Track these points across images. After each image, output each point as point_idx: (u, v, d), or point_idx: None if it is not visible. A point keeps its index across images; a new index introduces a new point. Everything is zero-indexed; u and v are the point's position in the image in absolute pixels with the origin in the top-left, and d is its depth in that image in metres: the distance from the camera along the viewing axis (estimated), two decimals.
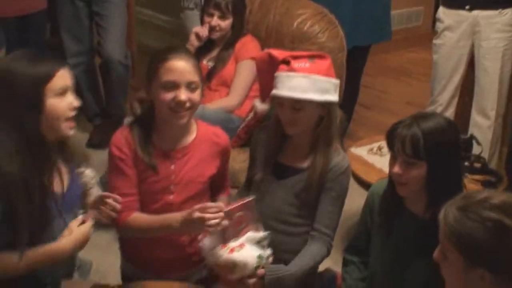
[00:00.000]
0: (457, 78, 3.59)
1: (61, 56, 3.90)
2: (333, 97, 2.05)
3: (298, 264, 2.04)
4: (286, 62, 2.05)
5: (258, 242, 1.96)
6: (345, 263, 2.20)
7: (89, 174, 1.98)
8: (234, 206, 1.95)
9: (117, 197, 1.92)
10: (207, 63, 3.30)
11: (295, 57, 2.05)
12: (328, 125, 2.07)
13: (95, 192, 2.01)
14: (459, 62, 3.55)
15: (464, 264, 1.40)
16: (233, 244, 1.94)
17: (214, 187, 2.21)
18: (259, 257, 1.94)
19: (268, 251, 1.97)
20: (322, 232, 2.09)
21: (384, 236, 2.02)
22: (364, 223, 2.13)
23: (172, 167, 2.09)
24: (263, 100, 2.37)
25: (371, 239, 2.10)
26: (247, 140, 3.08)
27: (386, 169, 2.02)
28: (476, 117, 3.54)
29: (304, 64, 2.02)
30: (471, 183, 2.71)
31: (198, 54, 3.27)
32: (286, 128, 2.08)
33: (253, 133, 3.02)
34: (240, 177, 2.93)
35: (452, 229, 1.40)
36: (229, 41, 3.26)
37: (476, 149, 3.02)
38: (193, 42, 3.27)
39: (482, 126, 3.50)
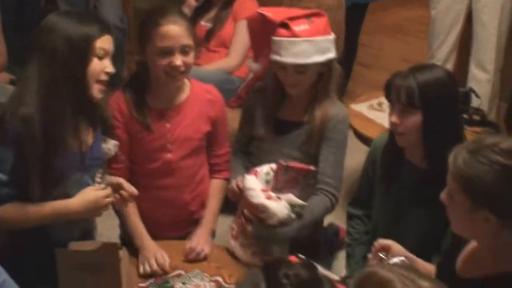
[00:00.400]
0: (455, 33, 3.59)
1: None
2: (333, 53, 2.10)
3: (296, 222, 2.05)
4: (284, 25, 2.06)
5: (293, 206, 2.02)
6: (349, 217, 2.24)
7: (112, 144, 2.00)
8: (295, 165, 2.02)
9: (134, 191, 1.93)
10: (205, 23, 3.28)
11: (292, 19, 2.06)
12: (327, 79, 2.12)
13: None
14: (457, 16, 3.55)
15: (471, 206, 1.42)
16: (273, 194, 2.01)
17: (212, 143, 2.24)
18: (287, 216, 2.00)
19: (293, 216, 2.02)
20: (326, 182, 2.11)
21: (385, 187, 2.05)
22: (367, 176, 2.16)
23: (168, 125, 2.12)
24: (256, 60, 2.38)
25: (374, 192, 2.13)
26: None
27: (386, 124, 2.06)
28: (474, 71, 3.55)
29: (304, 26, 2.04)
30: (469, 135, 2.72)
31: (196, 15, 3.27)
32: (289, 89, 2.12)
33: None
34: None
35: (460, 171, 1.41)
36: (227, 0, 3.24)
37: (475, 103, 3.04)
38: (191, 3, 3.25)
39: (481, 80, 3.51)
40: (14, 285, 1.56)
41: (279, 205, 1.99)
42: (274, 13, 2.12)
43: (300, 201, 2.02)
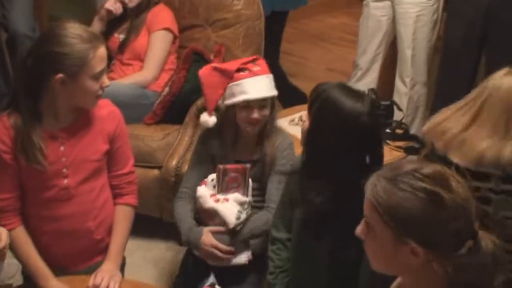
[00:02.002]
0: (376, 41, 3.55)
1: None
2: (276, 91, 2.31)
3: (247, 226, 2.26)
4: (242, 69, 2.27)
5: (241, 204, 2.23)
6: (272, 241, 2.14)
7: None
8: (231, 165, 2.23)
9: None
10: (118, 35, 3.13)
11: (245, 63, 2.30)
12: (273, 116, 2.31)
13: None
14: (378, 24, 3.51)
15: (393, 238, 1.31)
16: (220, 196, 2.24)
17: (112, 163, 2.09)
18: (237, 216, 2.20)
19: (244, 215, 2.23)
20: (271, 200, 2.26)
21: (300, 207, 1.99)
22: (288, 195, 2.08)
23: (62, 148, 1.96)
24: (210, 112, 2.37)
25: (293, 212, 2.04)
26: (163, 116, 2.96)
27: None
28: (397, 83, 3.53)
29: (256, 67, 2.28)
30: (393, 150, 2.68)
31: (109, 27, 3.13)
32: (249, 128, 2.27)
33: (170, 109, 2.93)
34: (157, 155, 2.82)
35: (381, 201, 1.31)
36: (141, 10, 3.09)
37: (398, 116, 3.00)
38: (104, 17, 3.10)
39: (401, 92, 3.50)
40: None
41: (227, 205, 2.21)
42: (226, 65, 2.37)
43: (245, 198, 2.24)
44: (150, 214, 2.82)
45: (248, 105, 2.24)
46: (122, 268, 2.13)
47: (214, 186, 2.27)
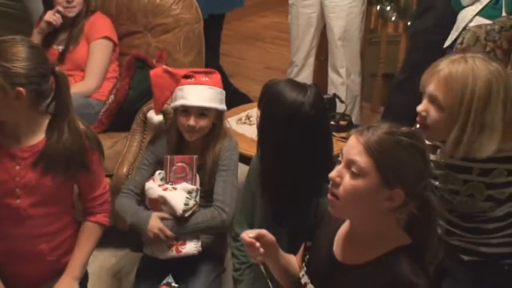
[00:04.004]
0: (308, 38, 3.64)
1: None
2: (224, 107, 2.38)
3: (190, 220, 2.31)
4: (189, 76, 2.34)
5: (189, 193, 2.28)
6: (235, 238, 2.17)
7: None
8: (177, 156, 2.30)
9: None
10: (57, 47, 3.10)
11: (195, 72, 2.37)
12: (219, 129, 2.36)
13: None
14: (308, 21, 3.60)
15: (378, 183, 1.45)
16: (168, 186, 2.30)
17: (83, 187, 2.06)
18: (185, 202, 2.26)
19: (193, 202, 2.28)
20: (216, 199, 2.31)
21: (261, 202, 2.04)
22: (249, 191, 2.13)
23: (17, 168, 1.91)
24: (157, 112, 2.49)
25: (255, 207, 2.09)
26: (110, 124, 2.94)
27: (255, 136, 2.07)
28: (331, 75, 3.63)
29: (205, 78, 2.34)
30: (339, 141, 2.75)
31: (47, 39, 3.09)
32: (188, 135, 2.31)
33: (116, 117, 2.92)
34: (106, 164, 2.76)
35: (375, 150, 1.44)
36: (78, 20, 3.07)
37: (339, 108, 3.08)
38: (44, 29, 3.05)
39: (336, 83, 3.60)
40: None
41: (175, 192, 2.27)
42: (177, 70, 2.44)
43: (193, 186, 2.29)
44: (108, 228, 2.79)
45: (187, 111, 2.28)
46: (84, 283, 2.11)
47: (161, 179, 2.34)
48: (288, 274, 1.72)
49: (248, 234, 1.62)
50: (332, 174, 1.50)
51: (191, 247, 2.31)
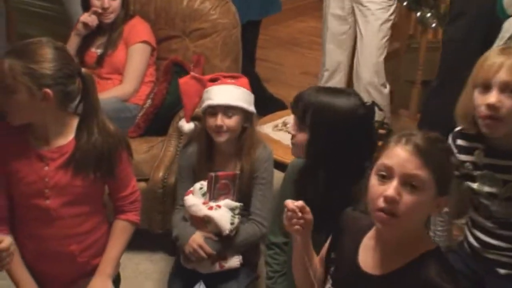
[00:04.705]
0: (337, 42, 3.60)
1: None
2: (254, 109, 2.36)
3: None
4: (214, 80, 2.35)
5: (232, 210, 2.28)
6: (269, 247, 2.17)
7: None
8: (222, 173, 2.29)
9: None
10: (95, 50, 3.12)
11: (222, 76, 2.37)
12: (251, 133, 2.35)
13: None
14: (340, 25, 3.56)
15: (435, 194, 1.44)
16: (212, 203, 2.28)
17: (111, 186, 2.06)
18: (231, 221, 2.25)
19: (237, 220, 2.28)
20: (255, 213, 2.33)
21: None
22: (284, 199, 2.07)
23: (46, 168, 1.93)
24: (187, 119, 2.50)
25: None
26: (147, 129, 2.96)
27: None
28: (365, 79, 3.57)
29: (231, 80, 2.34)
30: (377, 150, 2.70)
31: (86, 42, 3.11)
32: (217, 136, 2.31)
33: (153, 121, 2.94)
34: (143, 168, 2.81)
35: (430, 160, 1.41)
36: (117, 24, 3.09)
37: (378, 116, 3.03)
38: (81, 31, 3.08)
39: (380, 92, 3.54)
40: None
41: (220, 212, 2.25)
42: (205, 76, 2.47)
43: (237, 203, 2.29)
44: (139, 227, 2.81)
45: (214, 111, 2.29)
46: (117, 284, 2.11)
47: (203, 194, 2.31)
48: (307, 268, 1.68)
49: (293, 202, 1.61)
50: (391, 192, 1.42)
51: (234, 261, 2.32)
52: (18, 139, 1.91)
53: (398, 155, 1.42)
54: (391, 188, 1.41)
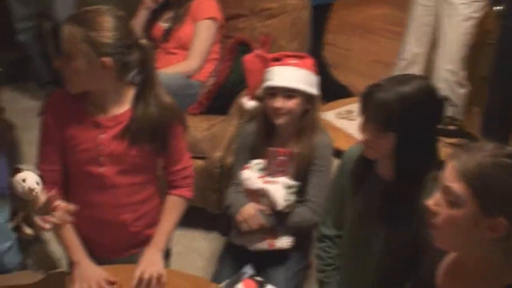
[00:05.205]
0: (420, 32, 3.49)
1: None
2: (316, 92, 2.26)
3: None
4: (277, 59, 2.27)
5: (289, 188, 2.22)
6: (320, 239, 2.10)
7: (31, 179, 1.65)
8: (280, 149, 2.23)
9: (70, 206, 1.71)
10: (162, 24, 3.11)
11: (285, 55, 2.29)
12: (312, 116, 2.26)
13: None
14: (424, 16, 3.45)
15: (477, 212, 1.33)
16: (269, 178, 2.24)
17: (167, 160, 2.04)
18: (286, 198, 2.20)
19: (293, 198, 2.22)
20: (309, 200, 2.26)
21: (353, 200, 1.95)
22: (338, 190, 2.04)
23: (102, 136, 1.93)
24: (250, 97, 2.49)
25: (344, 206, 2.00)
26: (208, 106, 2.94)
27: (356, 133, 1.95)
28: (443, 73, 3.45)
29: (294, 60, 2.25)
30: (445, 147, 2.59)
31: (153, 16, 3.11)
32: (276, 118, 2.25)
33: (215, 99, 2.92)
34: (202, 146, 2.80)
35: (472, 176, 1.32)
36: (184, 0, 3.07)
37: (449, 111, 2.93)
38: (149, 5, 3.08)
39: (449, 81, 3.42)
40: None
41: (276, 187, 2.21)
42: (268, 54, 2.40)
43: (294, 182, 2.22)
44: (194, 205, 2.81)
45: (273, 93, 2.23)
46: (167, 258, 2.11)
47: (259, 170, 2.27)
48: None
49: None
50: (429, 202, 1.39)
51: (284, 241, 2.27)
52: (75, 106, 1.92)
53: (447, 167, 1.38)
54: (432, 199, 1.39)
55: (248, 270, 2.03)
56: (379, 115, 1.74)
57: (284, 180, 2.23)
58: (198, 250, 2.92)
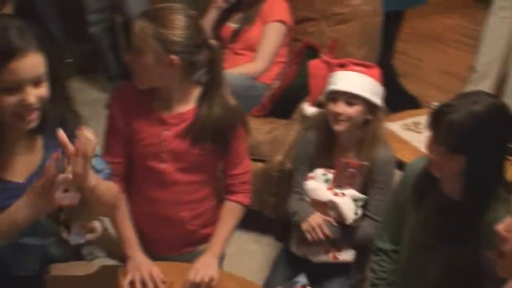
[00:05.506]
0: (494, 45, 3.38)
1: None
2: (380, 103, 2.21)
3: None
4: (342, 65, 2.24)
5: (356, 201, 2.18)
6: (375, 252, 2.06)
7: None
8: (352, 161, 2.19)
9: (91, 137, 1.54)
10: (232, 24, 3.11)
11: (352, 62, 2.26)
12: (374, 127, 2.21)
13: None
14: (501, 29, 3.33)
15: None
16: (337, 190, 2.19)
17: (227, 163, 2.04)
18: (355, 211, 2.17)
19: (360, 211, 2.19)
20: (370, 218, 2.21)
21: (413, 215, 1.90)
22: (398, 203, 1.98)
23: (165, 133, 1.94)
24: (311, 103, 2.47)
25: (404, 222, 1.95)
26: (272, 109, 2.92)
27: (423, 147, 1.88)
28: None
29: (360, 68, 2.22)
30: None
31: (223, 15, 3.12)
32: (335, 123, 2.20)
33: (279, 102, 2.89)
34: (262, 149, 2.78)
35: None
36: (255, 1, 3.05)
37: None
38: (220, 4, 3.09)
39: None
40: None
41: (346, 200, 2.17)
42: (334, 60, 2.39)
43: (362, 195, 2.19)
44: (251, 208, 2.79)
45: (335, 97, 2.18)
46: (220, 260, 2.09)
47: (325, 181, 2.22)
48: None
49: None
50: (500, 227, 1.31)
51: (348, 255, 2.23)
52: (142, 100, 1.94)
53: None
54: (502, 224, 1.32)
55: (301, 279, 2.00)
56: (451, 137, 1.68)
57: (352, 192, 2.19)
58: (251, 253, 2.91)
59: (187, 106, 1.94)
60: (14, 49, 1.41)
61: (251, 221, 2.84)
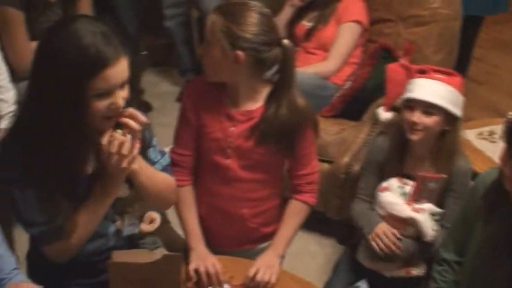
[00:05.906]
0: None
1: None
2: (460, 114, 2.13)
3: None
4: (423, 71, 2.16)
5: (433, 215, 2.12)
6: (438, 262, 2.00)
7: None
8: (431, 174, 2.11)
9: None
10: (306, 23, 3.09)
11: (433, 69, 2.17)
12: (452, 139, 2.14)
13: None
14: None
15: None
16: (416, 206, 2.11)
17: (293, 162, 2.02)
18: (433, 227, 2.11)
19: (438, 227, 2.12)
20: (446, 228, 2.13)
21: (481, 229, 1.82)
22: (466, 214, 1.92)
23: (232, 129, 1.93)
24: (386, 108, 2.40)
25: (471, 234, 1.88)
26: (341, 110, 2.88)
27: (496, 157, 1.84)
28: None
29: (441, 75, 2.13)
30: None
31: (298, 14, 3.10)
32: (410, 133, 2.13)
33: (349, 104, 2.86)
34: (329, 149, 2.76)
35: None
36: (331, 0, 3.02)
37: None
38: (295, 2, 3.07)
39: None
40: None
41: (425, 216, 2.11)
42: (414, 65, 2.30)
43: (439, 209, 2.12)
44: (314, 208, 2.77)
45: (412, 106, 2.11)
46: (281, 259, 2.08)
47: (402, 194, 2.15)
48: None
49: None
50: None
51: (421, 270, 2.17)
52: (213, 95, 1.95)
53: None
54: None
55: (362, 284, 1.96)
56: None
57: (430, 207, 2.12)
58: (312, 253, 2.89)
59: (256, 104, 1.93)
60: (104, 59, 1.46)
61: (313, 222, 2.82)
